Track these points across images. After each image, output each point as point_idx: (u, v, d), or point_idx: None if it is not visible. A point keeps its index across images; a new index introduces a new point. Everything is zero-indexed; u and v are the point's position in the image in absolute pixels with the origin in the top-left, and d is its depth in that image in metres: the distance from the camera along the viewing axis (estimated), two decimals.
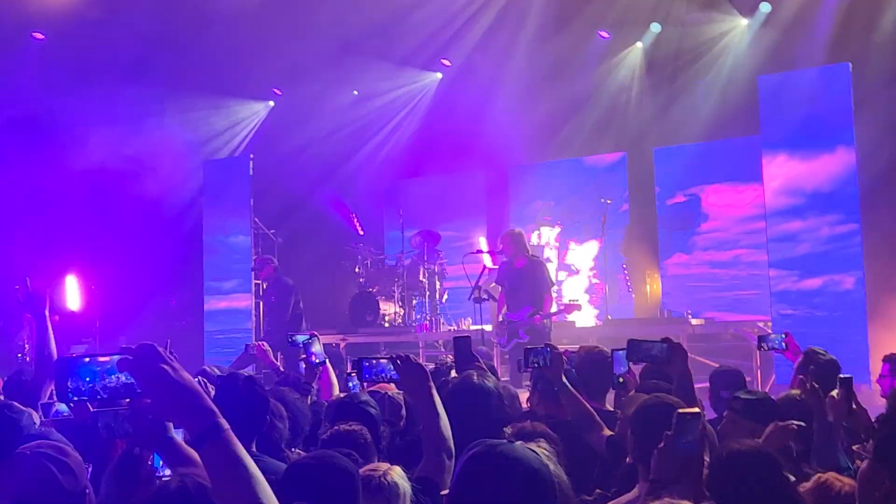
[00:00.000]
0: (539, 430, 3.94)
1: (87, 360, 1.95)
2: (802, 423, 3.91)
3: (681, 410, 3.05)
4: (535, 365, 4.59)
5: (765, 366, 10.37)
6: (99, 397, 1.97)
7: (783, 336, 5.58)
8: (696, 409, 3.12)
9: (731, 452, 3.17)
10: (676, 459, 2.96)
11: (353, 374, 5.77)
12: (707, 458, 3.08)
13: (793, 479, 3.25)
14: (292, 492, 2.59)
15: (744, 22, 12.96)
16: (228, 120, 16.02)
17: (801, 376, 4.80)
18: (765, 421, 4.03)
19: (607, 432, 4.34)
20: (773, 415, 4.10)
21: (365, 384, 4.71)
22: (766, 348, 5.77)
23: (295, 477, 2.74)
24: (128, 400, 2.25)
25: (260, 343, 8.16)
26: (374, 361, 3.81)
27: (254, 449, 3.84)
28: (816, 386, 4.19)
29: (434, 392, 3.50)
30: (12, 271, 12.95)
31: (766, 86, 11.01)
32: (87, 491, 2.90)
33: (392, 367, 3.62)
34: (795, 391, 4.62)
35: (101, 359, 1.95)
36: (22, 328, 12.85)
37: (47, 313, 4.84)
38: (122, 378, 1.93)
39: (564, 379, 4.55)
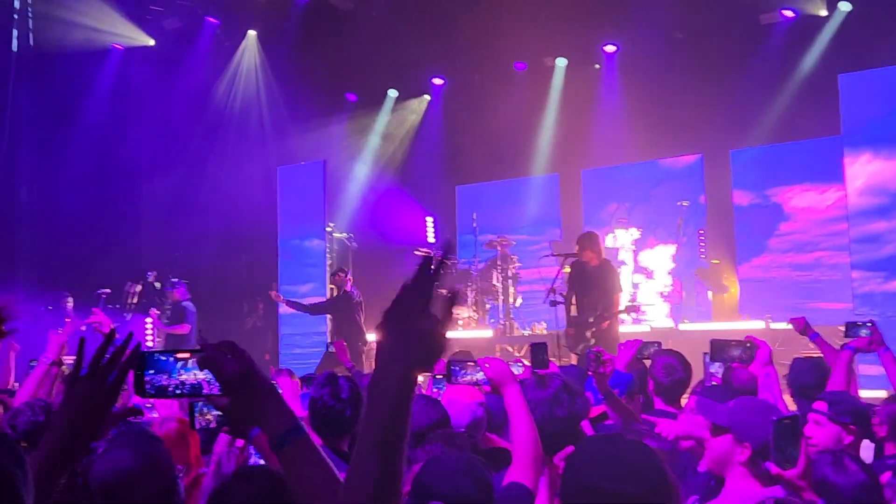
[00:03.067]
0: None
1: (165, 356, 1.94)
2: None
3: (777, 418, 2.95)
4: (589, 373, 4.66)
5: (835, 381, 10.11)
6: (176, 393, 1.95)
7: (868, 325, 5.39)
8: (795, 415, 3.05)
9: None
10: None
11: (439, 377, 5.77)
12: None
13: None
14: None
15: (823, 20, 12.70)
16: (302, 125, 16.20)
17: None
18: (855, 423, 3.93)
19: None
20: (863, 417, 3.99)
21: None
22: (852, 336, 5.58)
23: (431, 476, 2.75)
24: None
25: (339, 341, 8.22)
26: (463, 363, 3.81)
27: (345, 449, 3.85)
28: None
29: (521, 393, 3.48)
30: (100, 273, 13.33)
31: (848, 84, 10.76)
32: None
33: (480, 368, 3.63)
34: None
35: (180, 355, 1.94)
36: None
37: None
38: (201, 375, 1.92)
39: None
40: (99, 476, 2.91)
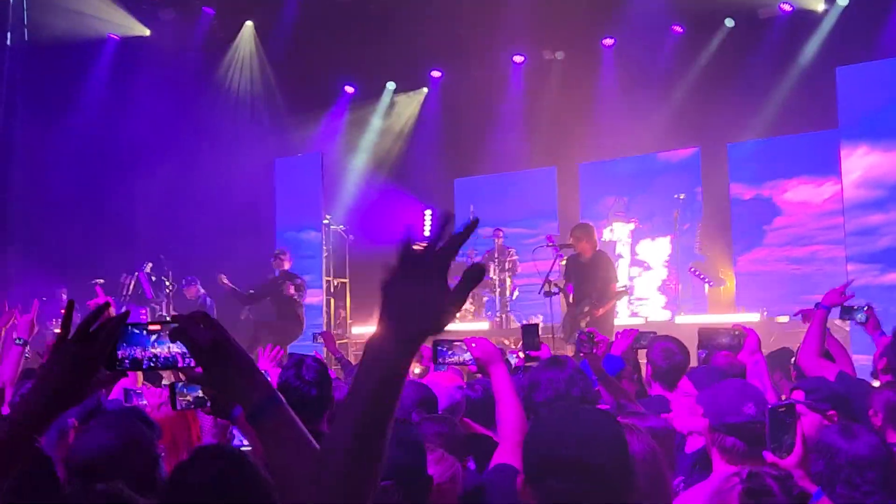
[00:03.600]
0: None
1: (137, 329, 1.88)
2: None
3: (773, 406, 2.93)
4: (582, 353, 4.67)
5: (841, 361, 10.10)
6: (150, 366, 1.90)
7: (864, 308, 5.42)
8: (790, 402, 3.03)
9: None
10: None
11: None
12: None
13: None
14: None
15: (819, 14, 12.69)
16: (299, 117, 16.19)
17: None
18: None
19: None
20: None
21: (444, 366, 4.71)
22: (847, 319, 5.63)
23: None
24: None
25: (326, 331, 8.23)
26: (450, 344, 3.78)
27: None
28: None
29: (508, 373, 3.47)
30: (95, 264, 13.31)
31: (845, 77, 10.75)
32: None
33: (466, 349, 3.60)
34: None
35: (152, 327, 1.89)
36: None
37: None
38: (175, 348, 1.87)
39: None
40: (79, 454, 2.90)
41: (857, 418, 3.94)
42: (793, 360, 5.66)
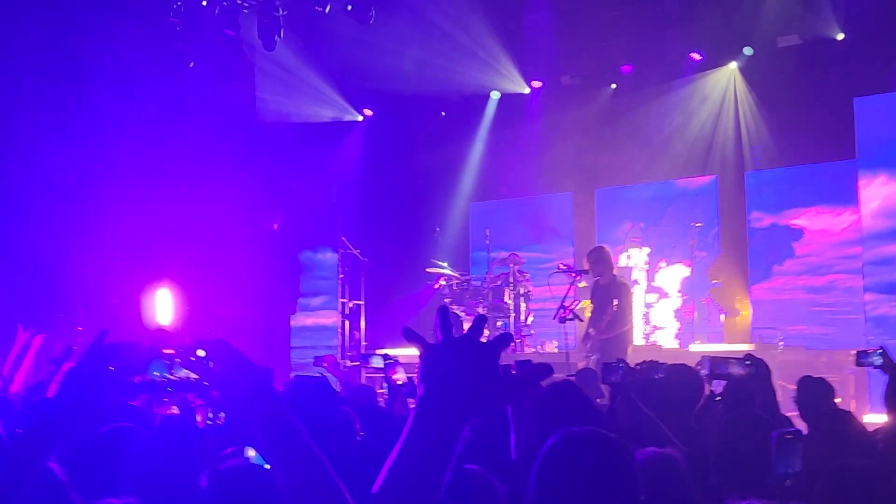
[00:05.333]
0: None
1: (156, 354, 1.89)
2: None
3: (780, 431, 2.92)
4: (612, 381, 4.62)
5: (859, 394, 10.05)
6: (167, 391, 1.91)
7: (880, 352, 5.39)
8: (797, 429, 3.01)
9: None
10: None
11: None
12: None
13: None
14: None
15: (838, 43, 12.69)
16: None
17: None
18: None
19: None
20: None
21: None
22: (864, 364, 5.59)
23: None
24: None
25: (329, 355, 8.20)
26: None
27: None
28: None
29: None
30: (112, 279, 13.36)
31: (863, 108, 10.75)
32: None
33: None
34: None
35: (167, 352, 1.89)
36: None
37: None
38: (190, 374, 1.87)
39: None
40: None
41: None
42: None
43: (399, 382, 5.75)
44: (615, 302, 9.98)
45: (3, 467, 1.82)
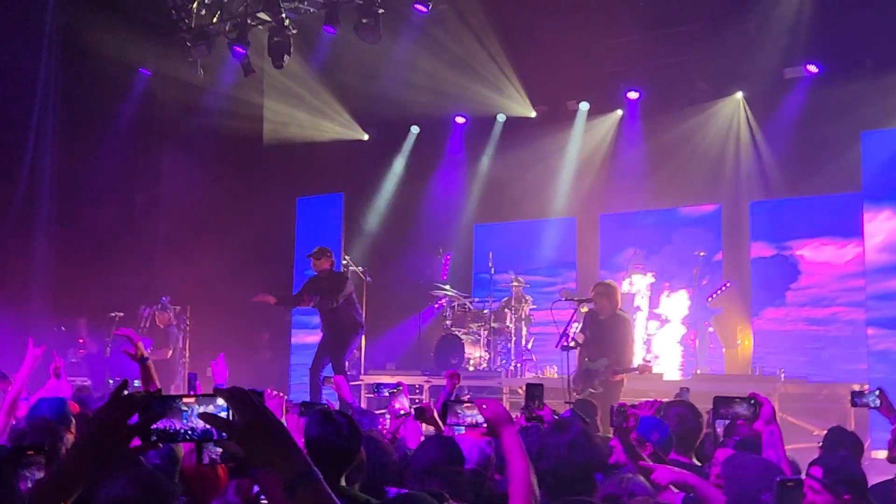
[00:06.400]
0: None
1: (174, 401, 1.88)
2: None
3: (782, 479, 2.92)
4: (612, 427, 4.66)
5: (860, 430, 9.99)
6: (186, 438, 1.90)
7: (877, 393, 5.38)
8: (799, 479, 3.02)
9: None
10: None
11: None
12: None
13: None
14: None
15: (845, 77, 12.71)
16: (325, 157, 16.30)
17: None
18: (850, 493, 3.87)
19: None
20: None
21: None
22: (860, 405, 5.59)
23: None
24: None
25: (338, 376, 8.20)
26: (460, 405, 3.76)
27: (342, 483, 3.83)
28: None
29: (519, 437, 3.45)
30: (114, 295, 13.37)
31: (870, 142, 10.77)
32: None
33: (477, 410, 3.58)
34: None
35: (186, 400, 1.88)
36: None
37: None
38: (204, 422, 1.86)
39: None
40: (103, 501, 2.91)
41: None
42: None
43: (402, 413, 5.73)
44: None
45: None
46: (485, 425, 3.48)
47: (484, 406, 3.46)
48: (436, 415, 5.35)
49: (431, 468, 3.98)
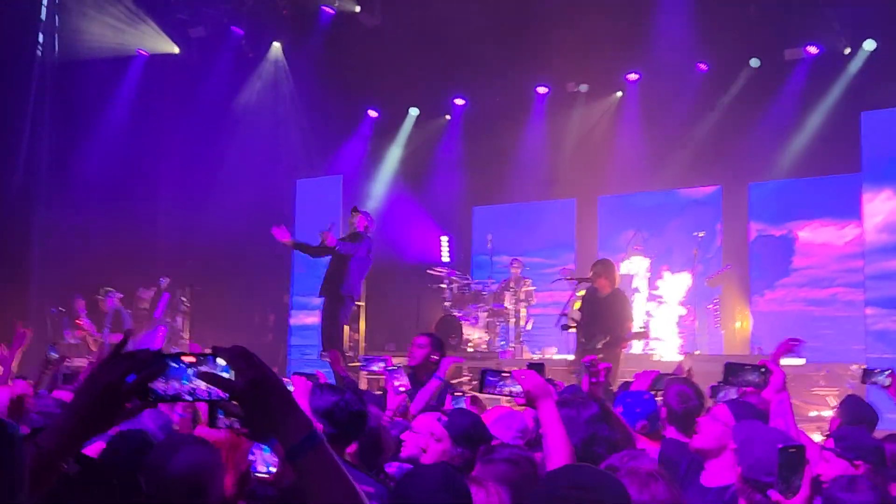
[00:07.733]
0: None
1: (175, 361, 1.80)
2: None
3: (784, 445, 2.93)
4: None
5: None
6: (187, 399, 1.82)
7: (888, 372, 5.37)
8: (801, 444, 3.02)
9: None
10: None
11: (458, 394, 5.82)
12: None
13: None
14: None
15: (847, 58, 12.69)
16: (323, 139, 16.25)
17: None
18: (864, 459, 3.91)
19: None
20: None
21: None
22: (870, 383, 5.58)
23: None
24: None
25: (333, 350, 8.19)
26: (499, 374, 3.72)
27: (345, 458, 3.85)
28: None
29: (556, 409, 3.43)
30: (113, 276, 13.36)
31: (869, 122, 10.75)
32: None
33: (516, 380, 3.54)
34: None
35: (186, 359, 1.81)
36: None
37: None
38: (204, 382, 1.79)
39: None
40: (180, 469, 2.91)
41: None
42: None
43: (402, 389, 5.72)
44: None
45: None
46: (522, 396, 3.46)
47: (523, 377, 3.44)
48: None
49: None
